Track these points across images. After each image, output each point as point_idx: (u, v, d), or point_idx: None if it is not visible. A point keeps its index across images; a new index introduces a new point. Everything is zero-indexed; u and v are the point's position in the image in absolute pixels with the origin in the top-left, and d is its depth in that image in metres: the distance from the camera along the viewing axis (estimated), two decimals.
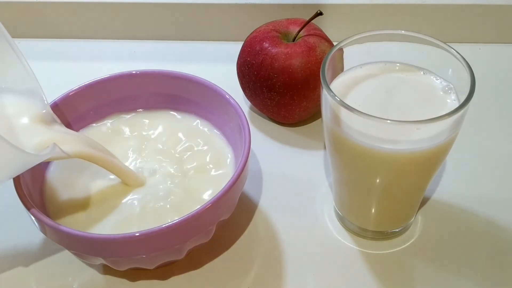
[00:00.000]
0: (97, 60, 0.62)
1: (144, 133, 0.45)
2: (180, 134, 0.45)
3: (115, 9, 0.62)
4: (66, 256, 0.41)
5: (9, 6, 0.63)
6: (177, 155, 0.43)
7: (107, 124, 0.46)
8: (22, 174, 0.38)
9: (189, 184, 0.41)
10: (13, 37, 0.38)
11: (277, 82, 0.47)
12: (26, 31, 0.64)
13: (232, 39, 0.62)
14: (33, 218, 0.37)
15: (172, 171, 0.42)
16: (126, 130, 0.45)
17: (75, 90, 0.45)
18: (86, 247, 0.36)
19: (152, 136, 0.45)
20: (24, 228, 0.43)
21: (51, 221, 0.35)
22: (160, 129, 0.45)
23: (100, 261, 0.37)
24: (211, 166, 0.42)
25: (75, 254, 0.38)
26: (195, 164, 0.42)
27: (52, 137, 0.37)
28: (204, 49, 0.63)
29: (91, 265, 0.41)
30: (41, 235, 0.42)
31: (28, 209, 0.36)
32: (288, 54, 0.46)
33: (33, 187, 0.40)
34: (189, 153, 0.43)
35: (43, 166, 0.42)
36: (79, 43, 0.64)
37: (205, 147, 0.43)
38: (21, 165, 0.34)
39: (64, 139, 0.38)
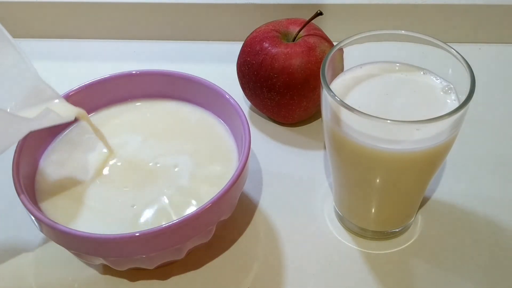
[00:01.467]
0: (97, 60, 0.62)
1: (143, 124, 0.45)
2: (179, 131, 0.45)
3: (116, 9, 0.62)
4: (66, 256, 0.41)
5: (9, 6, 0.63)
6: (176, 154, 0.43)
7: (107, 113, 0.46)
8: (21, 170, 0.38)
9: (188, 183, 0.41)
10: (13, 37, 0.39)
11: (277, 82, 0.47)
12: (26, 31, 0.64)
13: (232, 39, 0.62)
14: (33, 218, 0.37)
15: (171, 169, 0.42)
16: (125, 120, 0.46)
17: (75, 90, 0.45)
18: (86, 247, 0.36)
19: (153, 128, 0.45)
20: (24, 228, 0.43)
21: (51, 221, 0.35)
22: (160, 121, 0.46)
23: (100, 261, 0.37)
24: (210, 165, 0.42)
25: (75, 254, 0.38)
26: (194, 163, 0.42)
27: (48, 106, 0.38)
28: (204, 49, 0.63)
29: (91, 265, 0.41)
30: (41, 235, 0.42)
31: (29, 210, 0.36)
32: (288, 54, 0.46)
33: (29, 182, 0.40)
34: (188, 152, 0.43)
35: (37, 158, 0.42)
36: (79, 43, 0.64)
37: (205, 146, 0.43)
38: (16, 132, 0.34)
39: (59, 106, 0.38)
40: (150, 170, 0.42)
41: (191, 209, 0.36)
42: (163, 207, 0.39)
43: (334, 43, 0.44)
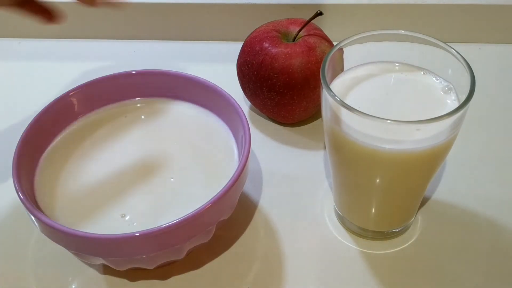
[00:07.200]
0: (97, 60, 0.62)
1: (143, 124, 0.45)
2: (179, 131, 0.45)
3: (115, 9, 0.62)
4: (66, 256, 0.41)
5: None
6: (175, 153, 0.43)
7: (107, 113, 0.46)
8: (21, 170, 0.38)
9: (189, 183, 0.41)
10: (13, 37, 0.38)
11: (277, 82, 0.47)
12: (26, 31, 0.64)
13: (232, 39, 0.62)
14: (33, 218, 0.37)
15: (171, 169, 0.42)
16: (125, 120, 0.46)
17: (75, 90, 0.45)
18: (86, 247, 0.36)
19: (152, 128, 0.45)
20: (24, 228, 0.43)
21: (51, 221, 0.35)
22: (160, 120, 0.46)
23: (100, 261, 0.37)
24: (210, 165, 0.42)
25: (75, 254, 0.38)
26: (194, 163, 0.42)
27: None
28: (204, 49, 0.63)
29: (91, 265, 0.41)
30: (41, 235, 0.42)
31: (29, 209, 0.36)
32: (288, 54, 0.46)
33: (29, 182, 0.40)
34: (188, 152, 0.43)
35: (37, 157, 0.42)
36: (79, 43, 0.64)
37: (205, 146, 0.43)
38: None
39: None
40: (150, 169, 0.42)
41: (190, 209, 0.36)
42: (163, 207, 0.39)
43: (334, 43, 0.44)
